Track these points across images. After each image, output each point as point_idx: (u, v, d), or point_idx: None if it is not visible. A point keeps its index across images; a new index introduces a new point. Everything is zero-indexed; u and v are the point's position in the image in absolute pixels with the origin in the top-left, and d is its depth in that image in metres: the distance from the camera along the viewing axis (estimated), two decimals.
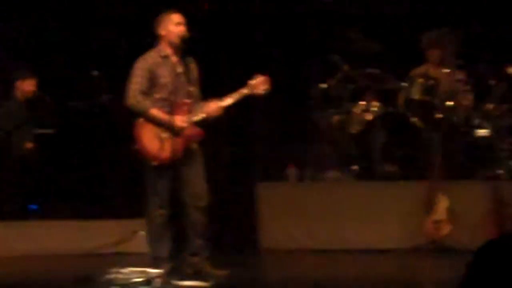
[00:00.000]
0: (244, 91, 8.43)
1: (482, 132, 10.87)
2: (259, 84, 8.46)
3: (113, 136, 11.48)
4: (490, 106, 10.90)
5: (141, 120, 8.37)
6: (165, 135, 8.29)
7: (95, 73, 11.70)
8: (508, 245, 2.96)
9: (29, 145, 11.24)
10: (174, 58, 8.42)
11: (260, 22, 12.11)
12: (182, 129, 8.28)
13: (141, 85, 8.32)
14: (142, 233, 9.59)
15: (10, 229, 10.56)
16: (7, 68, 11.71)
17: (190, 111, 8.38)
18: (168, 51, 8.41)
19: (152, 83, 8.36)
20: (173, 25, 8.35)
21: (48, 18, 12.13)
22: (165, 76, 8.36)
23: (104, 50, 11.87)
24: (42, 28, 12.20)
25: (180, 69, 8.39)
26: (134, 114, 8.41)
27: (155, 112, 8.31)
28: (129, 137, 8.59)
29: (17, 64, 11.64)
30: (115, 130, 11.40)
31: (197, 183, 8.46)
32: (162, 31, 8.39)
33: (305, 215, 10.67)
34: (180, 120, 8.28)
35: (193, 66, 8.56)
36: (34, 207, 11.25)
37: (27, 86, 11.29)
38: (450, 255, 9.82)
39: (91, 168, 11.60)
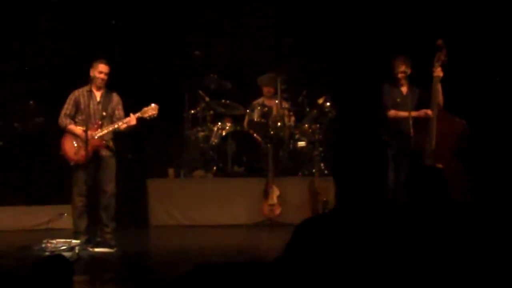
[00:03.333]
0: (138, 114, 8.66)
1: (301, 143, 11.11)
2: (150, 110, 8.70)
3: (45, 146, 11.17)
4: (306, 125, 11.10)
5: (65, 133, 8.64)
6: (79, 143, 8.53)
7: (31, 103, 11.68)
8: (318, 221, 2.96)
9: None
10: (96, 92, 8.67)
11: (152, 69, 12.00)
12: (90, 140, 8.45)
13: (67, 109, 8.65)
14: (66, 214, 9.76)
15: None
16: None
17: (99, 128, 8.55)
18: (93, 87, 8.65)
19: (76, 108, 8.65)
20: (97, 72, 8.60)
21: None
22: (85, 104, 8.60)
23: (39, 86, 11.53)
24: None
25: (99, 100, 8.66)
26: (61, 129, 8.68)
27: (72, 127, 8.59)
28: (55, 147, 8.93)
29: None
30: (46, 142, 11.16)
31: (106, 179, 8.70)
32: (91, 73, 8.63)
33: (181, 201, 10.78)
34: (90, 135, 8.44)
35: (114, 98, 8.79)
36: None
37: None
38: (281, 228, 10.01)
39: (30, 169, 11.30)
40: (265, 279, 3.34)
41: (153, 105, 8.75)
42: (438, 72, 8.54)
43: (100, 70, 8.65)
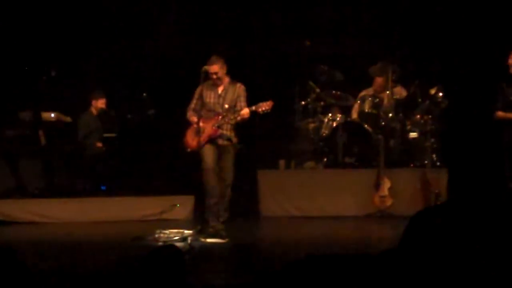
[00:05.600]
0: (253, 108, 8.64)
1: (413, 134, 10.99)
2: (264, 105, 8.64)
3: (157, 138, 11.59)
4: (418, 116, 10.95)
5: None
6: (195, 132, 8.69)
7: (144, 95, 12.03)
8: (431, 213, 2.91)
9: (100, 144, 11.40)
10: (218, 86, 8.77)
11: (263, 61, 12.16)
12: (204, 130, 8.62)
13: (192, 103, 8.85)
14: (178, 205, 9.99)
15: (87, 203, 10.62)
16: (85, 91, 11.69)
17: (218, 119, 8.65)
18: (213, 81, 8.75)
19: (201, 101, 8.77)
20: (209, 73, 8.68)
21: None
22: (208, 97, 8.74)
23: (153, 80, 11.94)
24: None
25: (221, 93, 8.75)
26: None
27: (192, 118, 8.77)
28: (167, 138, 9.11)
29: (92, 88, 11.67)
30: (158, 134, 11.59)
31: (226, 168, 8.77)
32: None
33: (291, 193, 10.79)
34: (203, 125, 8.61)
35: (237, 89, 8.81)
36: (103, 187, 11.26)
37: (99, 103, 11.45)
38: (392, 220, 9.95)
39: (143, 160, 11.52)
40: (375, 271, 3.27)
41: (268, 102, 8.70)
42: None
43: (209, 71, 8.71)
